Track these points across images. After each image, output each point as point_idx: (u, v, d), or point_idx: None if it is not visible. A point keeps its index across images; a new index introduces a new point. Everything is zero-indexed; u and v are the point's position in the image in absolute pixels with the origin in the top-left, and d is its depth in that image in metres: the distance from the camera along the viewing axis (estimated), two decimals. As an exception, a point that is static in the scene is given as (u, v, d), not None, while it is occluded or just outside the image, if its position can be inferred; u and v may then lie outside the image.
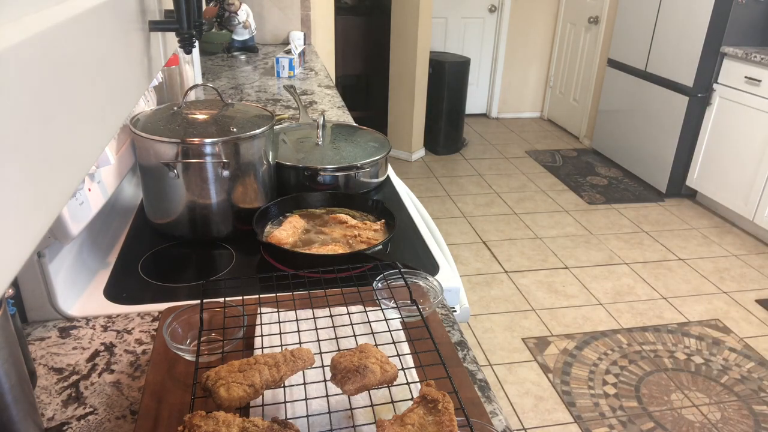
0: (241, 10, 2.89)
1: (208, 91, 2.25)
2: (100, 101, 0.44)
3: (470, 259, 3.29)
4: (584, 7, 5.12)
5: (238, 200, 1.19)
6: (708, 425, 2.20)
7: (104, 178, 1.08)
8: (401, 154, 4.73)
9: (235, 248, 1.18)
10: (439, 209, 3.89)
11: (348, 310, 0.91)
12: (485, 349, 2.57)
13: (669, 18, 4.00)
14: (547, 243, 3.50)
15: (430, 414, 0.65)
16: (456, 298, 1.13)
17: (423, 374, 0.79)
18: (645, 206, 4.03)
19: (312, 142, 1.49)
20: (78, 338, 0.93)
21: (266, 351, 0.81)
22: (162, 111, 1.22)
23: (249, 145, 1.16)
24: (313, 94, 2.36)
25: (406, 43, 4.36)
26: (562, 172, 4.58)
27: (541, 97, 5.90)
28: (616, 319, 2.81)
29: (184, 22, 0.62)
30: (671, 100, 4.00)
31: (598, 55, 4.94)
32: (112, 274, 1.09)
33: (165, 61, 0.73)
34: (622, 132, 4.58)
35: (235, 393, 0.66)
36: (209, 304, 0.86)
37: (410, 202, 1.43)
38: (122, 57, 0.51)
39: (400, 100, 4.57)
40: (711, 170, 3.84)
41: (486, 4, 5.42)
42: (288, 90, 1.93)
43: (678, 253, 3.43)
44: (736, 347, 2.64)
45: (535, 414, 2.24)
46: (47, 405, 0.80)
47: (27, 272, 0.92)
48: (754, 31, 3.67)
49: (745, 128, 3.56)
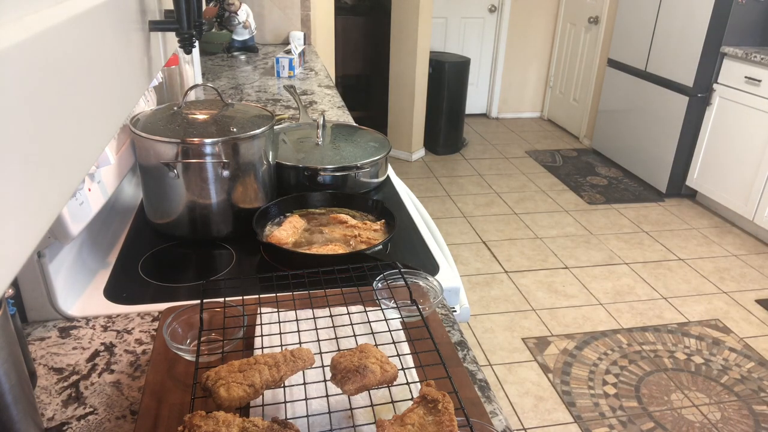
0: (241, 10, 2.89)
1: (208, 91, 2.24)
2: (100, 101, 0.44)
3: (470, 259, 3.29)
4: (584, 7, 5.12)
5: (238, 200, 1.19)
6: (708, 425, 2.20)
7: (104, 178, 1.08)
8: (401, 154, 4.73)
9: (235, 248, 1.18)
10: (439, 209, 3.89)
11: (348, 310, 0.91)
12: (485, 349, 2.57)
13: (669, 18, 4.00)
14: (547, 243, 3.50)
15: (430, 414, 0.65)
16: (456, 298, 1.13)
17: (423, 374, 0.79)
18: (645, 206, 4.03)
19: (312, 142, 1.49)
20: (78, 338, 0.93)
21: (266, 351, 0.81)
22: (162, 111, 1.22)
23: (249, 145, 1.16)
24: (313, 94, 2.36)
25: (406, 43, 4.36)
26: (562, 172, 4.58)
27: (541, 97, 5.90)
28: (616, 319, 2.81)
29: (184, 22, 0.62)
30: (671, 100, 4.00)
31: (598, 55, 4.94)
32: (112, 274, 1.09)
33: (165, 61, 0.73)
34: (622, 132, 4.58)
35: (235, 393, 0.66)
36: (209, 304, 0.86)
37: (410, 202, 1.43)
38: (122, 57, 0.51)
39: (400, 100, 4.57)
40: (711, 170, 3.84)
41: (486, 4, 5.42)
42: (288, 90, 1.93)
43: (678, 253, 3.43)
44: (736, 347, 2.64)
45: (535, 414, 2.24)
46: (47, 405, 0.80)
47: (27, 272, 0.92)
48: (754, 31, 3.67)
49: (745, 128, 3.56)
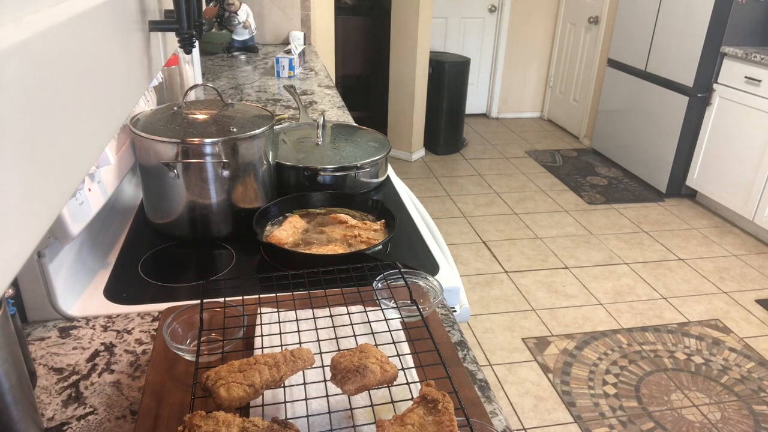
0: (241, 10, 2.89)
1: (208, 91, 2.25)
2: (99, 101, 0.44)
3: (470, 259, 3.29)
4: (584, 7, 5.12)
5: (238, 200, 1.19)
6: (708, 425, 2.20)
7: (104, 178, 1.08)
8: (401, 154, 4.73)
9: (235, 248, 1.18)
10: (439, 209, 3.89)
11: (348, 310, 0.91)
12: (485, 349, 2.57)
13: (669, 18, 4.00)
14: (547, 243, 3.50)
15: (430, 414, 0.65)
16: (456, 298, 1.13)
17: (423, 374, 0.79)
18: (645, 206, 4.03)
19: (312, 142, 1.49)
20: (78, 338, 0.93)
21: (266, 351, 0.81)
22: (162, 111, 1.22)
23: (249, 145, 1.16)
24: (313, 94, 2.36)
25: (406, 43, 4.36)
26: (562, 172, 4.58)
27: (541, 97, 5.90)
28: (616, 319, 2.81)
29: (184, 22, 0.62)
30: (671, 100, 4.00)
31: (598, 55, 4.94)
32: (112, 274, 1.09)
33: (165, 61, 0.73)
34: (622, 132, 4.58)
35: (235, 393, 0.66)
36: (209, 304, 0.86)
37: (410, 202, 1.43)
38: (122, 57, 0.51)
39: (400, 100, 4.57)
40: (711, 170, 3.84)
41: (486, 4, 5.42)
42: (288, 90, 1.93)
43: (678, 253, 3.43)
44: (736, 347, 2.64)
45: (535, 414, 2.24)
46: (47, 405, 0.80)
47: (27, 272, 0.92)
48: (754, 31, 3.67)
49: (745, 128, 3.56)
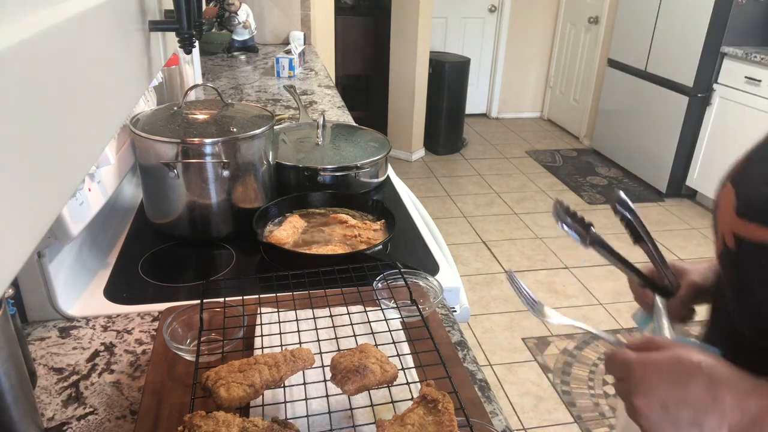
0: (241, 10, 2.89)
1: (208, 91, 2.25)
2: (100, 101, 0.44)
3: (470, 259, 3.29)
4: (584, 7, 5.12)
5: (238, 200, 1.19)
6: (708, 425, 2.20)
7: (104, 178, 1.08)
8: (401, 154, 4.73)
9: (235, 248, 1.18)
10: (439, 209, 3.88)
11: (348, 310, 0.91)
12: (485, 349, 2.57)
13: (669, 18, 4.00)
14: (547, 243, 3.50)
15: (430, 414, 0.65)
16: (456, 298, 1.13)
17: (423, 374, 0.79)
18: (645, 206, 4.03)
19: (312, 142, 1.49)
20: (78, 338, 0.93)
21: (266, 351, 0.81)
22: (162, 111, 1.22)
23: (249, 145, 1.16)
24: (313, 94, 2.36)
25: (406, 43, 4.36)
26: (562, 172, 4.58)
27: (541, 97, 5.90)
28: (616, 319, 2.81)
29: (184, 22, 0.62)
30: (671, 100, 3.99)
31: (598, 55, 4.94)
32: (112, 274, 1.09)
33: (165, 61, 0.73)
34: (622, 132, 4.58)
35: (235, 393, 0.66)
36: (209, 304, 0.86)
37: (410, 202, 1.43)
38: (122, 57, 0.51)
39: (400, 100, 4.57)
40: (711, 170, 3.84)
41: (486, 4, 5.42)
42: (288, 90, 1.93)
43: (678, 253, 3.43)
44: (736, 347, 2.64)
45: (535, 414, 2.24)
46: (47, 405, 0.80)
47: (27, 272, 0.92)
48: (754, 31, 3.67)
49: (745, 128, 3.56)
